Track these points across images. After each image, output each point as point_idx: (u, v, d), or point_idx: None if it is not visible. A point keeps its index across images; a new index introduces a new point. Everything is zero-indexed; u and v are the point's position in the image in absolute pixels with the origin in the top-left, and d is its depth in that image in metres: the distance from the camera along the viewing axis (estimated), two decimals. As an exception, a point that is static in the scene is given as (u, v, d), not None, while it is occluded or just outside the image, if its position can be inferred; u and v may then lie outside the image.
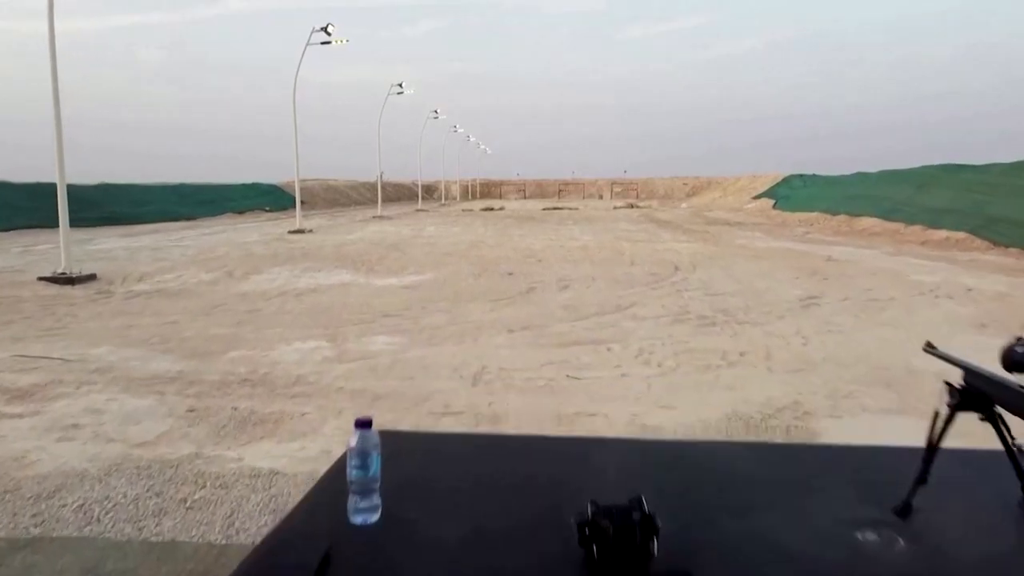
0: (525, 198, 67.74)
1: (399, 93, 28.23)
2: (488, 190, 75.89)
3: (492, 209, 38.13)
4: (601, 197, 65.46)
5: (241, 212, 32.38)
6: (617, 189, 69.96)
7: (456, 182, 67.86)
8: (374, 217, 28.43)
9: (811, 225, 20.81)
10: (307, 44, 18.28)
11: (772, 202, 31.92)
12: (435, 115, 38.73)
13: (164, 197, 29.16)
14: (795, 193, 30.24)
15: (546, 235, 18.03)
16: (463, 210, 37.63)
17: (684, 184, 71.35)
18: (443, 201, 49.53)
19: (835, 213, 21.03)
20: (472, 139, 62.91)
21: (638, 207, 38.47)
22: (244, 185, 40.32)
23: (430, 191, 71.67)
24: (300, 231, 18.98)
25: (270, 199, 38.69)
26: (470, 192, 71.24)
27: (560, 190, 69.97)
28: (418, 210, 37.64)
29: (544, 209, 37.86)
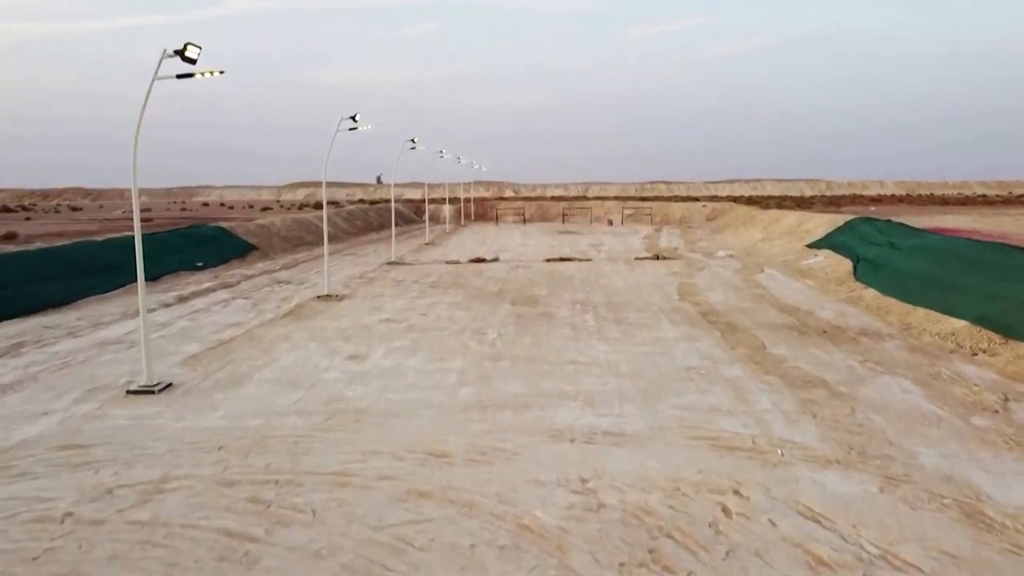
0: (525, 222, 60.32)
1: (352, 129, 20.75)
2: (484, 210, 68.51)
3: (484, 260, 30.67)
4: (611, 223, 57.97)
5: (155, 279, 24.85)
6: (628, 211, 62.47)
7: (446, 204, 60.48)
8: (318, 297, 20.88)
9: (977, 360, 13.22)
10: (154, 77, 10.78)
11: (847, 264, 24.37)
12: (412, 145, 31.26)
13: (39, 267, 21.58)
14: (883, 258, 22.63)
15: (564, 412, 10.40)
16: (447, 263, 30.13)
17: (703, 206, 63.95)
18: (428, 239, 42.05)
19: (1007, 332, 13.46)
20: (463, 160, 55.46)
21: (665, 258, 30.97)
22: (179, 232, 32.78)
23: (420, 212, 64.35)
24: (147, 391, 11.37)
25: (209, 249, 31.18)
26: (463, 215, 63.81)
27: (564, 214, 62.42)
28: (390, 263, 30.14)
29: (548, 261, 30.37)
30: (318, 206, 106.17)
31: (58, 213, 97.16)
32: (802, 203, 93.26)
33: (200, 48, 10.74)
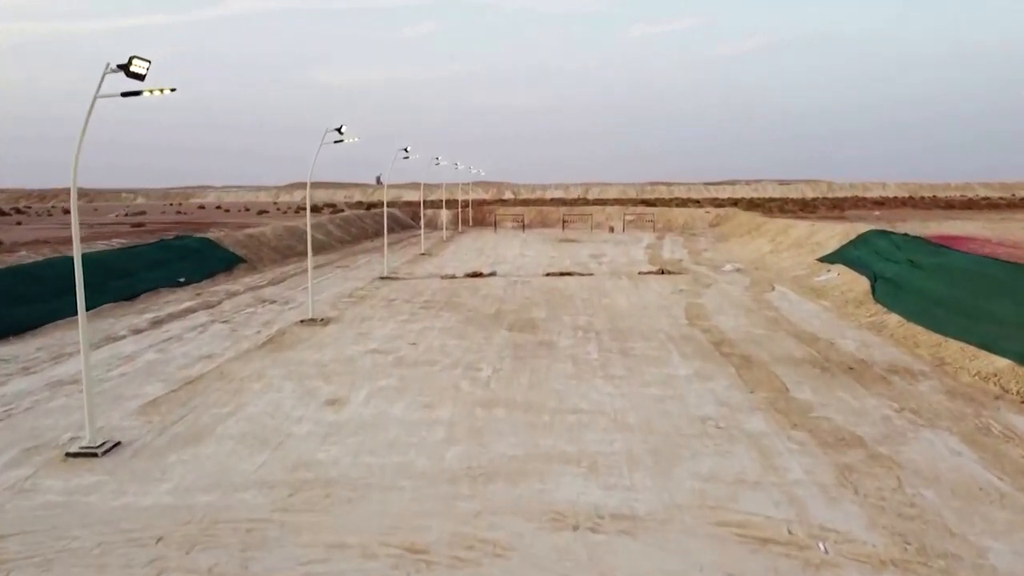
0: (523, 229, 58.95)
1: (337, 141, 19.41)
2: (483, 216, 67.17)
3: (481, 275, 29.31)
4: (612, 230, 56.63)
5: (132, 298, 23.46)
6: (630, 217, 61.10)
7: (443, 210, 59.16)
8: (302, 322, 19.49)
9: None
10: (96, 95, 9.43)
11: (863, 283, 22.99)
12: (406, 155, 29.92)
13: (4, 288, 20.18)
14: (903, 277, 21.26)
15: (565, 482, 9.01)
16: (443, 278, 28.77)
17: (706, 212, 62.62)
18: (423, 249, 40.62)
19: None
20: (460, 166, 54.19)
21: (669, 272, 29.60)
22: (162, 245, 31.32)
23: (417, 217, 63.10)
24: (90, 453, 9.95)
25: (194, 262, 29.77)
26: (460, 220, 62.46)
27: (565, 220, 61.03)
28: (383, 278, 28.77)
29: (548, 275, 29.02)
30: (315, 209, 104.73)
31: (51, 216, 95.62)
32: (805, 206, 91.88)
33: (149, 62, 9.38)
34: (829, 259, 28.78)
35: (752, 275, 28.67)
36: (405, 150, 29.64)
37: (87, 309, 21.25)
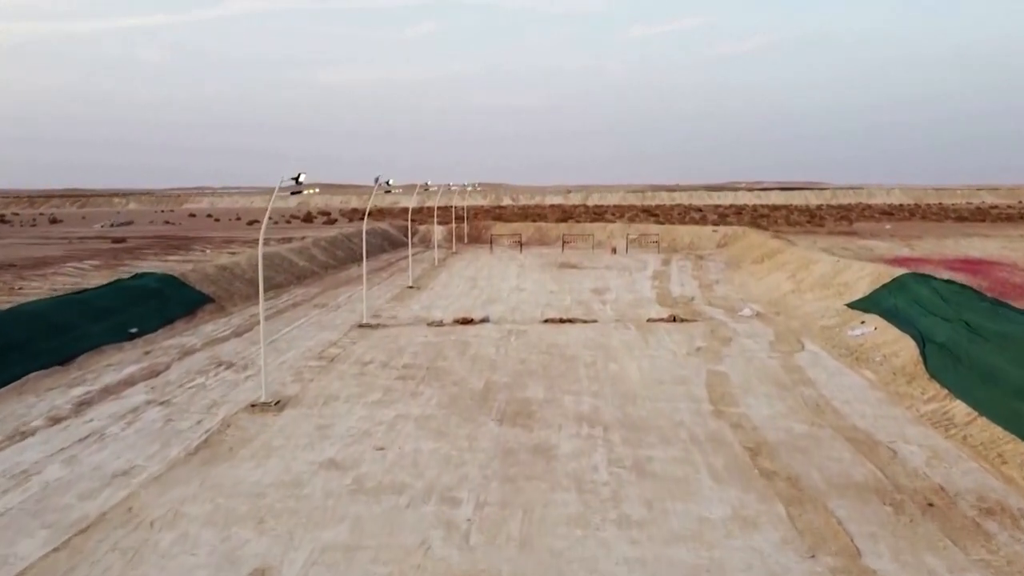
0: (521, 249, 55.92)
1: (295, 192, 16.42)
2: (478, 232, 64.17)
3: (472, 321, 26.26)
4: (614, 251, 53.57)
5: (68, 361, 20.32)
6: (632, 236, 58.07)
7: (435, 228, 56.16)
8: (252, 406, 16.36)
9: None
10: None
11: (908, 344, 19.91)
12: (388, 188, 26.92)
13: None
14: (960, 345, 18.10)
15: None
16: (429, 326, 25.72)
17: (713, 231, 59.65)
18: (411, 281, 37.44)
19: None
20: (453, 186, 51.20)
21: (682, 319, 26.52)
22: (116, 287, 28.08)
23: (414, 231, 60.01)
24: None
25: (152, 307, 26.66)
26: (455, 238, 59.47)
27: (565, 239, 57.95)
28: (361, 326, 25.68)
29: (547, 322, 26.00)
30: (308, 218, 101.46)
31: (35, 227, 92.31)
32: (812, 216, 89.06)
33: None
34: (861, 305, 25.73)
35: (775, 323, 25.64)
36: (387, 183, 26.61)
37: (5, 382, 18.15)
